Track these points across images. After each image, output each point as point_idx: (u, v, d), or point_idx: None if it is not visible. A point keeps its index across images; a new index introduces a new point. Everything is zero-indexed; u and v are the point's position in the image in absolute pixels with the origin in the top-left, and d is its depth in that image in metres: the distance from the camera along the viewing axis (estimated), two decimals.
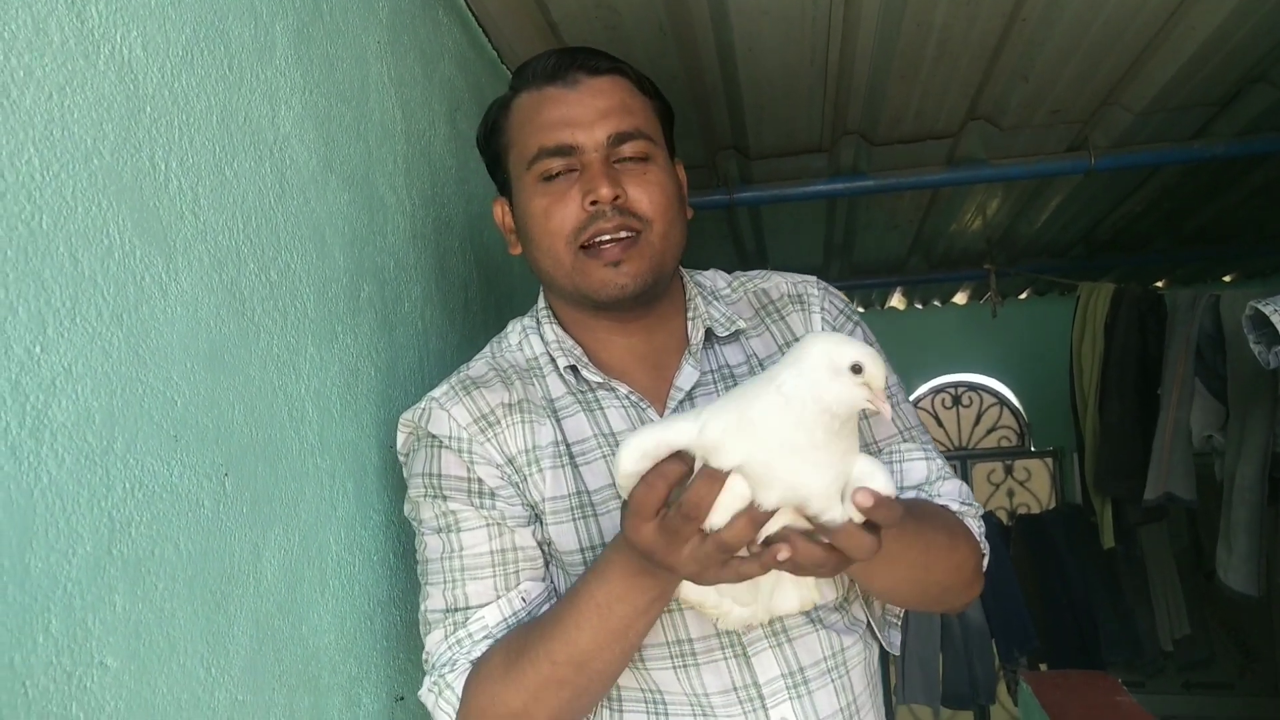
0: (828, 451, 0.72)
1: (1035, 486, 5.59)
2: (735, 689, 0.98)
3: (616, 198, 0.98)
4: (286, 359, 0.93)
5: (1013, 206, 3.41)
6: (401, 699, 1.14)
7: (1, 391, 0.57)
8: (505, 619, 0.97)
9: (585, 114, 1.00)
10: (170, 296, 0.75)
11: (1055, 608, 4.14)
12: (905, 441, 1.10)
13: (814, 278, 1.15)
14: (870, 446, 1.09)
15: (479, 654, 0.96)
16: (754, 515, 0.73)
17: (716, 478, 0.73)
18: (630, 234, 0.99)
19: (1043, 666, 4.14)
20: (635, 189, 1.00)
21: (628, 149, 1.01)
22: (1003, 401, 5.67)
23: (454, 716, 0.95)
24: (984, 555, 1.07)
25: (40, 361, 0.61)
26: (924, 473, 1.09)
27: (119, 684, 0.66)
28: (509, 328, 1.13)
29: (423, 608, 1.00)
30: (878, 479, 0.74)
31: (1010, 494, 5.56)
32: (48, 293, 0.62)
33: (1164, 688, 4.44)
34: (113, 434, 0.67)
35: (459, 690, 0.95)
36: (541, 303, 1.11)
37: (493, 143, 1.09)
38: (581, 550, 0.99)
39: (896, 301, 5.33)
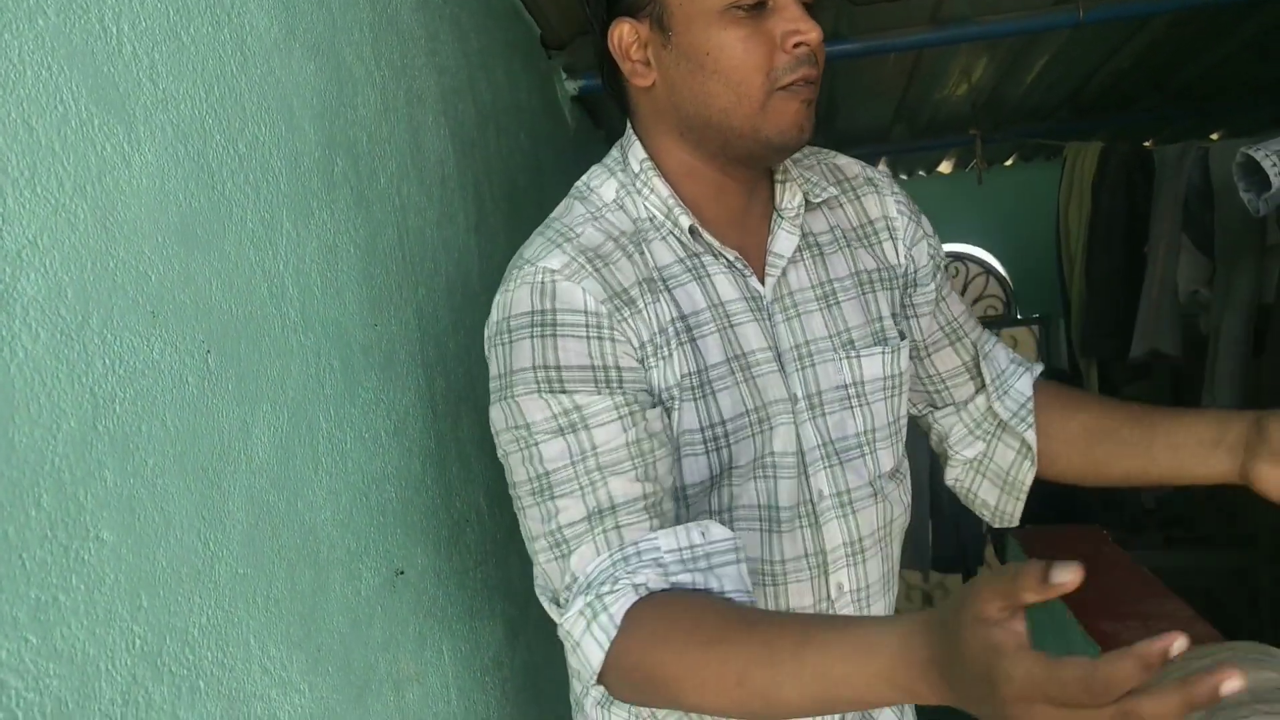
0: None
1: (1022, 353, 5.60)
2: (805, 555, 1.01)
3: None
4: (262, 235, 0.91)
5: (998, 68, 3.34)
6: (401, 573, 1.15)
7: None
8: (680, 549, 0.85)
9: None
10: (134, 168, 0.72)
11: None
12: (980, 330, 1.19)
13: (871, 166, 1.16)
14: (953, 324, 1.17)
15: (644, 581, 0.83)
16: None
17: None
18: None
19: (1027, 527, 4.25)
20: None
21: None
22: (989, 270, 5.67)
23: (606, 649, 0.81)
24: None
25: (2, 233, 0.59)
26: (1005, 354, 1.19)
27: (117, 557, 0.66)
28: (595, 179, 1.03)
29: (549, 526, 0.89)
30: None
31: None
32: (3, 161, 0.59)
33: (1146, 544, 4.57)
34: (87, 309, 0.66)
35: (618, 618, 0.81)
36: (640, 152, 1.01)
37: None
38: (701, 429, 0.95)
39: None
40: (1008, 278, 5.58)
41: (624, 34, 0.97)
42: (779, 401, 1.00)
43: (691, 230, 0.98)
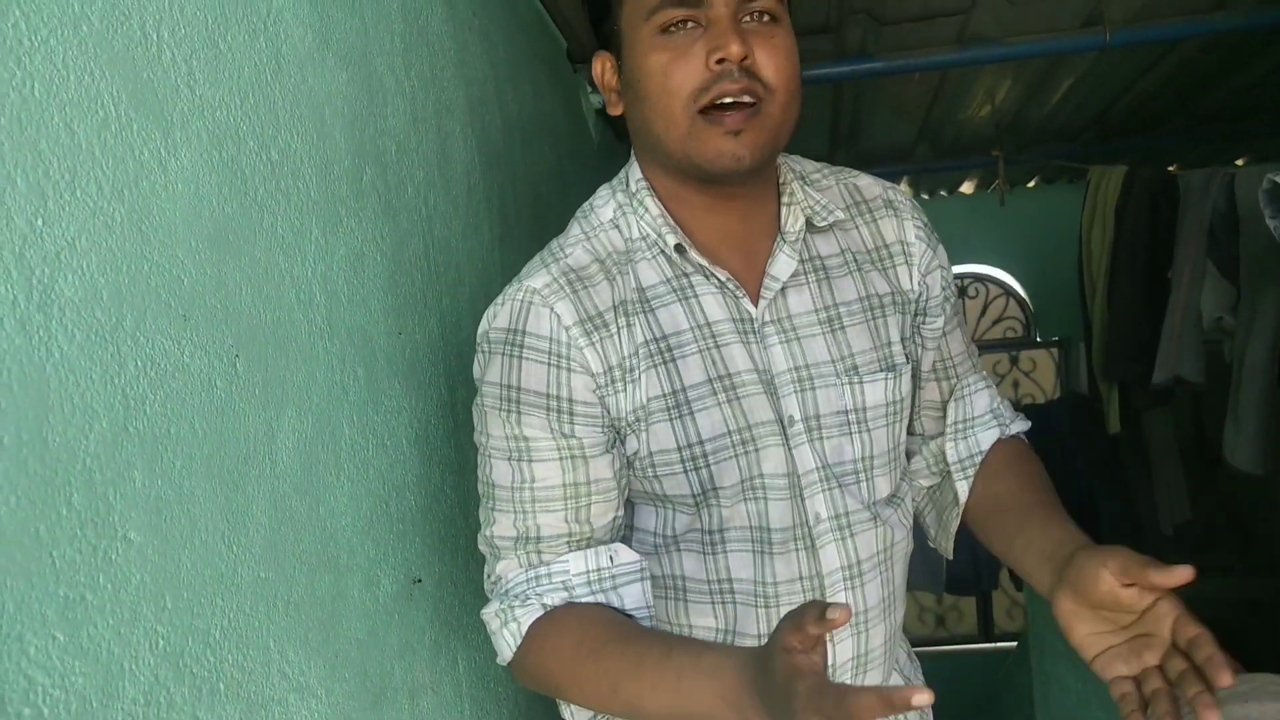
0: None
1: (1040, 377, 5.62)
2: (801, 578, 1.02)
3: (744, 59, 0.91)
4: (292, 241, 0.92)
5: (1023, 90, 3.34)
6: (419, 581, 1.16)
7: (5, 264, 0.56)
8: (588, 572, 0.97)
9: None
10: (170, 172, 0.73)
11: (1059, 495, 4.19)
12: (971, 373, 1.17)
13: (898, 186, 1.15)
14: (946, 361, 1.15)
15: (551, 601, 0.96)
16: None
17: None
18: (753, 100, 0.93)
19: None
20: (762, 53, 0.93)
21: (758, 6, 0.94)
22: (1009, 292, 5.65)
23: (513, 651, 0.97)
24: None
25: (43, 235, 0.60)
26: (987, 402, 1.16)
27: (143, 558, 0.66)
28: (598, 199, 1.07)
29: (488, 532, 1.01)
30: None
31: (1016, 384, 5.60)
32: (45, 164, 0.60)
33: None
34: (121, 311, 0.66)
35: (524, 629, 0.96)
36: (638, 173, 1.05)
37: None
38: (679, 449, 0.98)
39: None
40: (1028, 300, 5.56)
41: (601, 67, 1.04)
42: (766, 423, 1.00)
43: (679, 249, 0.99)
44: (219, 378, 0.78)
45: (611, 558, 0.98)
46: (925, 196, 5.39)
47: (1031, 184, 5.21)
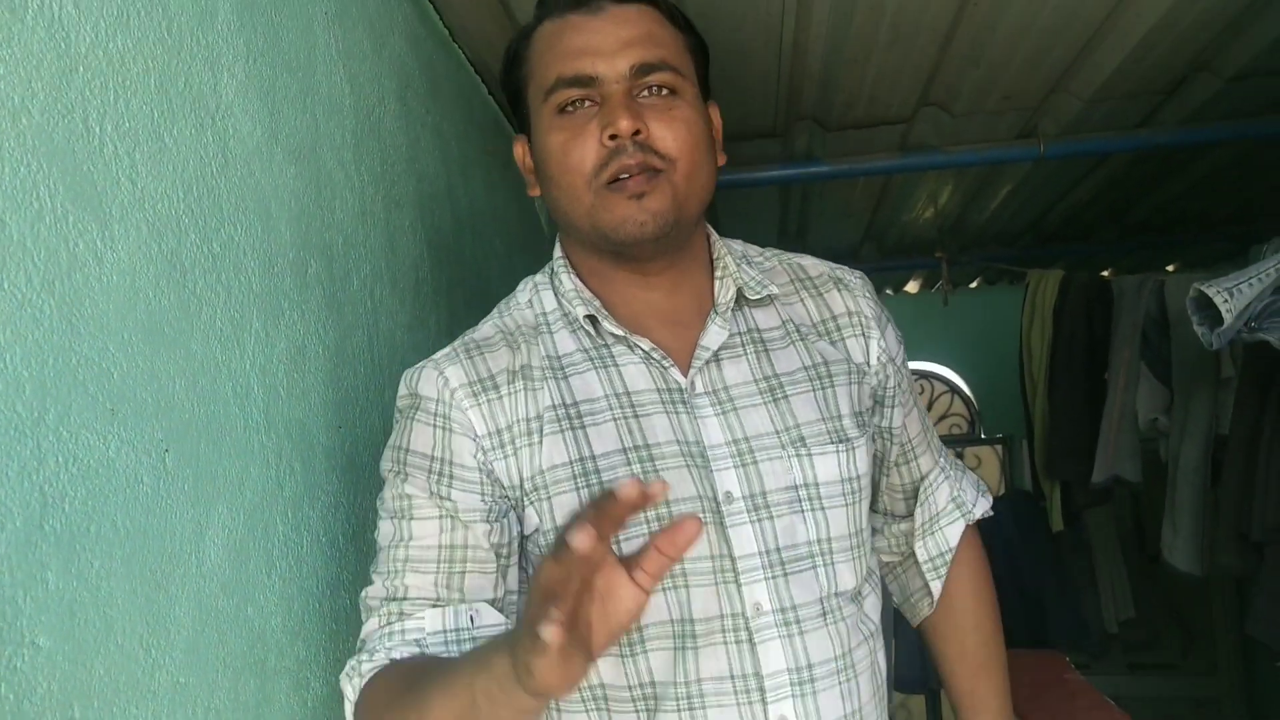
0: None
1: (985, 473, 5.67)
2: (733, 678, 0.91)
3: (637, 132, 0.91)
4: (230, 334, 0.91)
5: (964, 195, 3.45)
6: None
7: None
8: (444, 631, 0.90)
9: (608, 43, 0.93)
10: (106, 264, 0.72)
11: (1003, 592, 4.19)
12: (930, 463, 1.16)
13: (847, 268, 1.15)
14: (906, 446, 1.13)
15: (400, 655, 0.89)
16: None
17: None
18: (651, 172, 0.92)
19: None
20: (658, 125, 0.93)
21: (653, 80, 0.94)
22: (954, 389, 5.74)
23: (355, 700, 0.89)
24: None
25: None
26: (948, 494, 1.16)
27: (52, 664, 0.63)
28: (519, 287, 1.07)
29: (364, 593, 0.95)
30: None
31: None
32: None
33: (1109, 669, 4.53)
34: (44, 405, 0.65)
35: (365, 680, 0.89)
36: (558, 252, 1.05)
37: (513, 75, 1.02)
38: None
39: None
40: (972, 397, 5.65)
41: (522, 151, 1.05)
42: (687, 499, 0.92)
43: (591, 319, 0.99)
44: (146, 473, 0.76)
45: (472, 619, 0.91)
46: None
47: (974, 285, 5.33)
